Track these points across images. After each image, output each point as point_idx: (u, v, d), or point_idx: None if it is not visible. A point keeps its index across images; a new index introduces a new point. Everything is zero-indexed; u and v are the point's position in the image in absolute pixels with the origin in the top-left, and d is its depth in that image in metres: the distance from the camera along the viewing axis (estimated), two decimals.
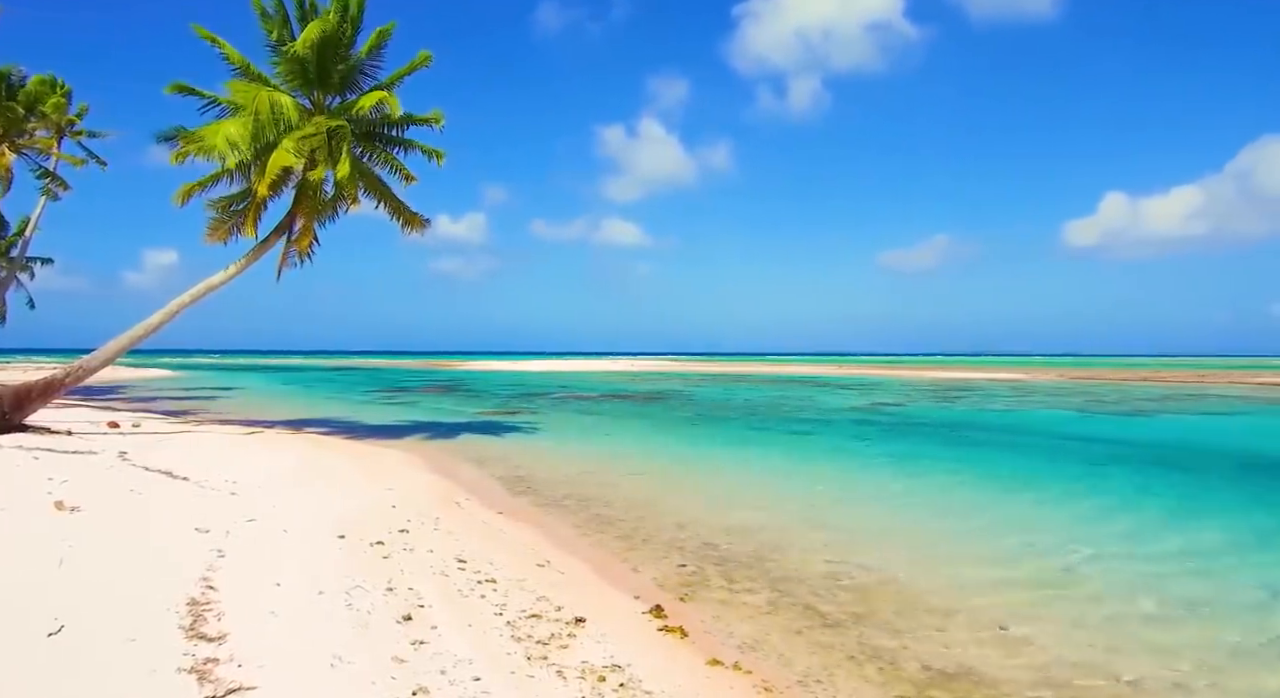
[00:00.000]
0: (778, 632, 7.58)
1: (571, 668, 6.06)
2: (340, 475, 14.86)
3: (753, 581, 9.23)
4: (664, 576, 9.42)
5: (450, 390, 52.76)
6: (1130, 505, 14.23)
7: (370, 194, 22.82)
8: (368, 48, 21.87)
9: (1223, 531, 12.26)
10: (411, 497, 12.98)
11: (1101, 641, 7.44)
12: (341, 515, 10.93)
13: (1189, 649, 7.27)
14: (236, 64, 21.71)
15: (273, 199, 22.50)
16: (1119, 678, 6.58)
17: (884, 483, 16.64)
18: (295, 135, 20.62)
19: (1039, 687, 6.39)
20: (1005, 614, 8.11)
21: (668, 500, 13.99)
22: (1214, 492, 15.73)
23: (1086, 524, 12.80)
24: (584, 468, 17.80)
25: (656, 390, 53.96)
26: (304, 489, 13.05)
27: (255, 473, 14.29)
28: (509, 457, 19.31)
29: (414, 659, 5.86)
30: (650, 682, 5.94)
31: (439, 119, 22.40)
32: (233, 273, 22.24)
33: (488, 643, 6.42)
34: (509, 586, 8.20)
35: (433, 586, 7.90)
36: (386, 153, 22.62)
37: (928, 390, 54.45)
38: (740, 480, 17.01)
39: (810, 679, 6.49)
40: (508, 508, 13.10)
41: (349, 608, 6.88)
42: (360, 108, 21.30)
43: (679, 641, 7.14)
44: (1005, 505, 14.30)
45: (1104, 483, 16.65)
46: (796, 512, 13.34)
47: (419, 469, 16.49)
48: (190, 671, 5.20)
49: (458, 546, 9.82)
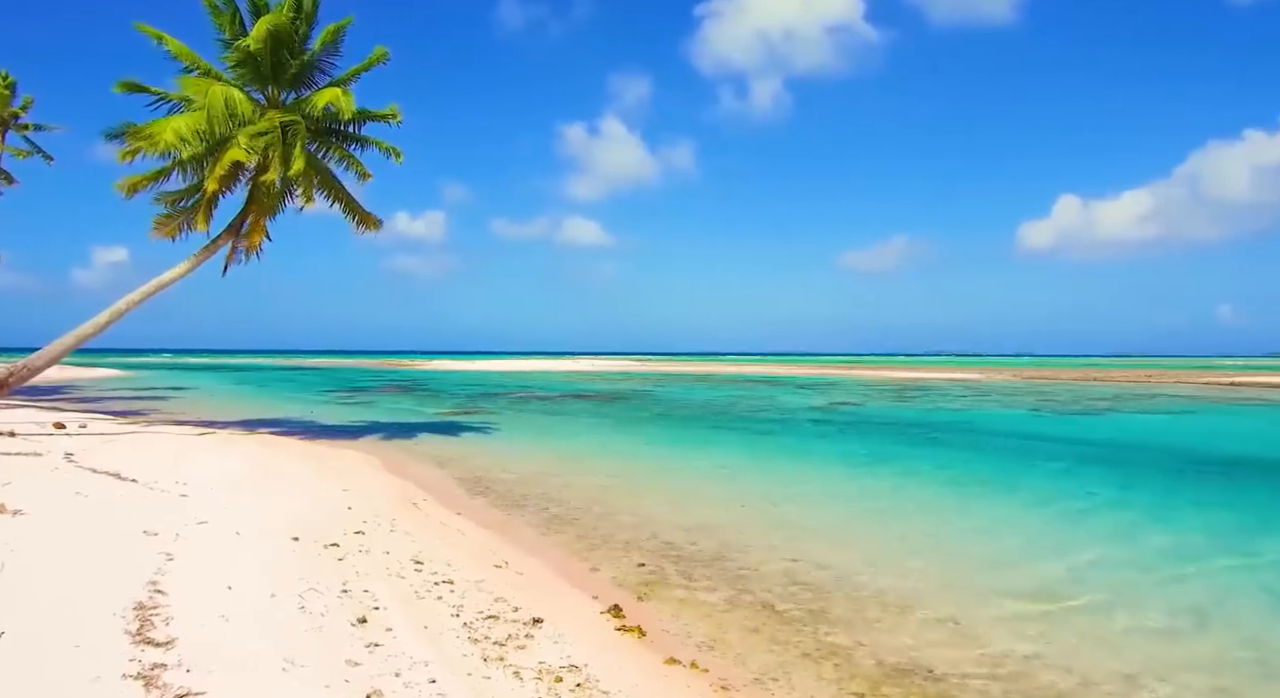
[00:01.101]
0: (735, 630, 7.62)
1: (528, 669, 6.03)
2: (295, 477, 14.64)
3: (711, 579, 9.27)
4: (623, 575, 9.42)
5: (409, 390, 52.25)
6: (1078, 502, 14.54)
7: (324, 192, 22.50)
8: (322, 43, 21.58)
9: (1168, 526, 12.59)
10: (368, 498, 12.83)
11: (1050, 635, 7.59)
12: (296, 517, 10.76)
13: (1135, 643, 7.45)
14: (185, 60, 21.30)
15: (225, 195, 22.12)
16: (1068, 671, 6.72)
17: (842, 482, 16.82)
18: (248, 130, 20.29)
19: (990, 681, 6.50)
20: (958, 610, 8.25)
21: (627, 500, 13.99)
22: (1157, 489, 16.12)
23: (1037, 521, 13.06)
24: (544, 468, 17.74)
25: (617, 390, 53.96)
26: (257, 491, 12.83)
27: (207, 474, 14.02)
28: (468, 457, 19.18)
29: (368, 662, 5.79)
30: (607, 681, 5.94)
31: (396, 115, 22.16)
32: (184, 270, 21.81)
33: (444, 645, 6.37)
34: (466, 587, 8.14)
35: (388, 587, 7.82)
36: (342, 149, 22.33)
37: (885, 390, 55.12)
38: (700, 480, 17.07)
39: (767, 677, 6.53)
40: (466, 509, 13.01)
41: (302, 611, 6.78)
42: (315, 104, 21.01)
43: (636, 640, 7.15)
44: (959, 503, 14.53)
45: (1054, 481, 16.99)
46: (755, 511, 13.43)
47: (376, 470, 16.31)
48: (137, 677, 5.08)
49: (415, 547, 9.72)
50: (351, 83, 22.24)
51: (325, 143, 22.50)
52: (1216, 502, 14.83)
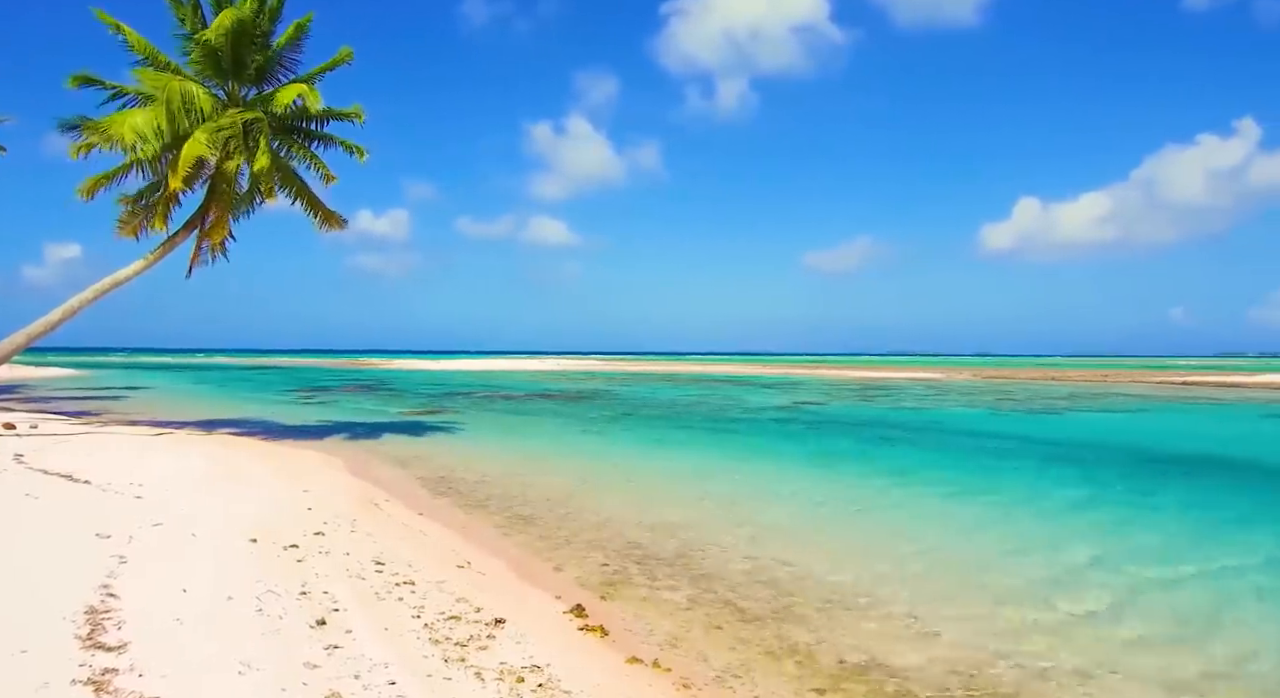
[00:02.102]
0: (698, 628, 7.65)
1: (490, 669, 6.00)
2: (254, 477, 14.43)
3: (674, 578, 9.29)
4: (586, 575, 9.41)
5: (371, 390, 51.72)
6: (1036, 500, 14.79)
7: (287, 190, 22.18)
8: (286, 39, 21.28)
9: (1124, 523, 12.87)
10: (329, 498, 12.68)
11: (1007, 630, 7.71)
12: (254, 518, 10.61)
13: (1089, 637, 7.59)
14: (143, 53, 20.89)
15: (185, 193, 21.74)
16: (1024, 666, 6.83)
17: (804, 480, 16.93)
18: (209, 126, 19.95)
19: (947, 676, 6.59)
20: (917, 607, 8.35)
21: (591, 500, 13.98)
22: (1111, 485, 16.44)
23: (996, 518, 13.26)
24: (507, 468, 17.66)
25: (582, 390, 53.87)
26: (215, 492, 12.63)
27: (163, 476, 13.77)
28: (431, 457, 19.04)
29: (327, 664, 5.72)
30: (569, 681, 5.92)
31: (360, 114, 21.93)
32: (140, 268, 21.40)
33: (404, 646, 6.31)
34: (428, 587, 8.08)
35: (348, 589, 7.73)
36: (305, 148, 22.01)
37: (849, 390, 55.64)
38: (663, 479, 17.11)
39: (729, 675, 6.56)
40: (429, 509, 12.92)
41: (260, 613, 6.68)
42: (278, 101, 20.69)
43: (599, 639, 7.15)
44: (918, 501, 14.70)
45: (1012, 479, 17.27)
46: (719, 509, 13.48)
47: (337, 470, 16.13)
48: (87, 682, 4.98)
49: (376, 547, 9.63)
50: (315, 81, 21.96)
51: (288, 140, 22.18)
52: (1172, 499, 15.14)
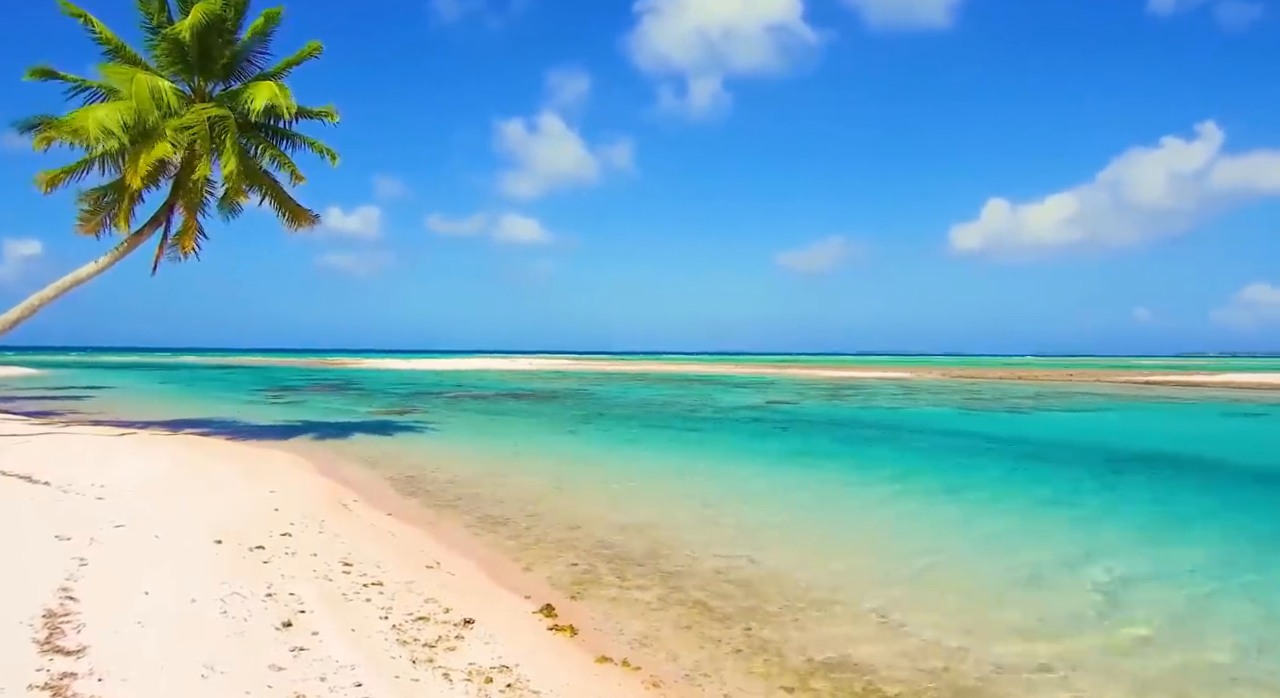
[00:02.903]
0: (668, 627, 7.66)
1: (458, 670, 5.97)
2: (220, 478, 14.23)
3: (644, 577, 9.30)
4: (556, 574, 9.39)
5: (340, 389, 51.23)
6: (1003, 498, 14.96)
7: (255, 189, 21.87)
8: (253, 32, 20.96)
9: (1089, 520, 13.05)
10: (296, 499, 12.54)
11: (975, 627, 7.79)
12: (219, 520, 10.47)
13: (1053, 633, 7.70)
14: (109, 45, 20.51)
15: (149, 191, 21.38)
16: (989, 661, 6.91)
17: (775, 479, 17.02)
18: (174, 123, 19.63)
19: (914, 673, 6.66)
20: (885, 604, 8.42)
21: (561, 499, 13.96)
22: (1078, 483, 16.69)
23: (963, 516, 13.41)
24: (477, 468, 17.58)
25: (554, 389, 53.75)
26: (180, 493, 12.45)
27: (126, 476, 13.55)
28: (400, 457, 18.91)
29: (293, 667, 5.66)
30: (538, 681, 5.91)
31: (333, 114, 21.67)
32: (102, 266, 21.01)
33: (372, 647, 6.26)
34: (396, 588, 8.02)
35: (315, 590, 7.65)
36: (273, 146, 21.68)
37: (820, 389, 55.99)
38: (634, 479, 17.11)
39: (698, 674, 6.58)
40: (398, 509, 12.82)
41: (224, 615, 6.59)
42: (247, 98, 20.32)
43: (569, 639, 7.13)
44: (888, 500, 14.81)
45: (980, 477, 17.46)
46: (689, 509, 13.51)
47: (305, 471, 15.96)
48: (44, 687, 4.88)
49: (344, 548, 9.54)
50: (283, 76, 21.67)
51: (256, 139, 21.84)
52: (1137, 497, 15.37)
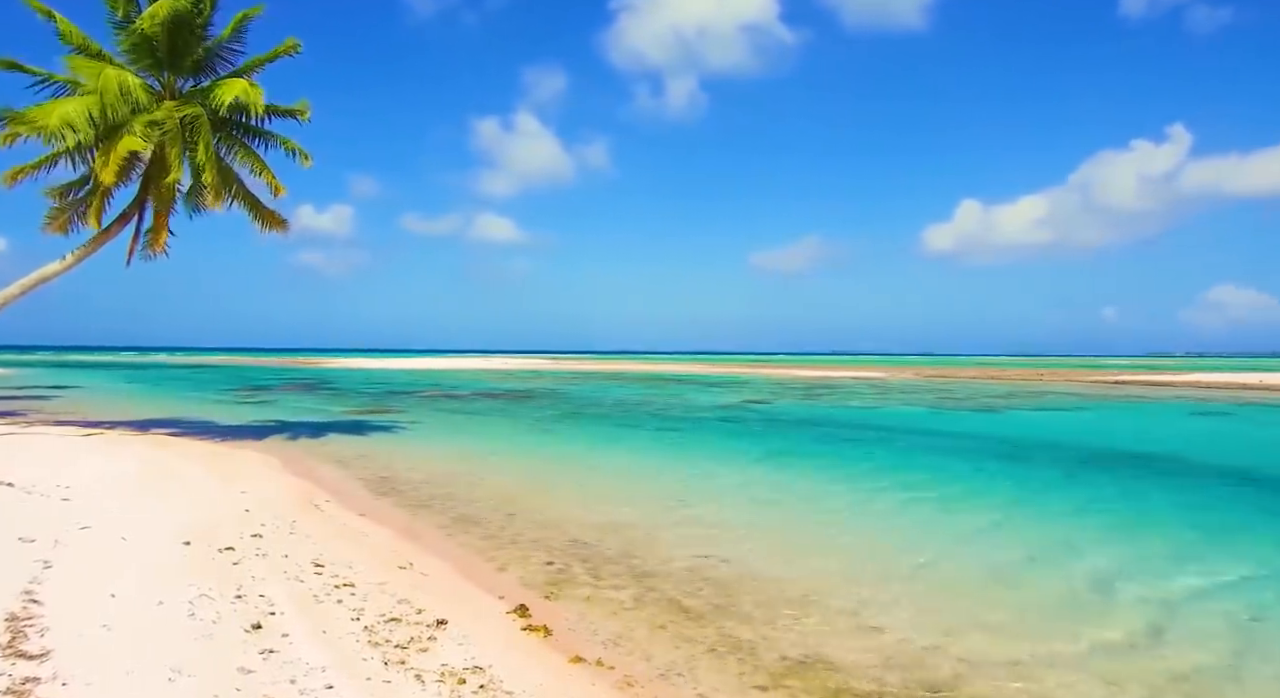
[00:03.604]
0: (642, 627, 7.66)
1: (430, 672, 5.92)
2: (189, 478, 14.05)
3: (618, 577, 9.29)
4: (530, 574, 9.36)
5: (313, 389, 50.77)
6: (976, 497, 15.09)
7: (226, 190, 21.53)
8: (230, 31, 20.66)
9: (1058, 519, 13.20)
10: (267, 500, 12.41)
11: (944, 625, 7.86)
12: (188, 521, 10.33)
13: (1024, 630, 7.78)
14: (75, 41, 20.16)
15: (119, 188, 21.04)
16: (960, 659, 6.97)
17: (749, 479, 17.07)
18: (143, 119, 19.32)
19: (887, 670, 6.70)
20: (858, 603, 8.47)
21: (536, 499, 13.91)
22: (1049, 482, 16.90)
23: (936, 515, 13.51)
24: (451, 467, 17.49)
25: (529, 389, 53.60)
26: (148, 494, 12.27)
27: (92, 477, 13.34)
28: (373, 457, 18.76)
29: (262, 669, 5.60)
30: (511, 682, 5.88)
31: (305, 112, 21.43)
32: (70, 263, 20.67)
33: (343, 649, 6.20)
34: (368, 589, 7.95)
35: (286, 591, 7.57)
36: (246, 147, 21.35)
37: (794, 388, 56.25)
38: (609, 478, 17.10)
39: (672, 673, 6.58)
40: (370, 509, 12.72)
41: (192, 618, 6.51)
42: (218, 96, 20.01)
43: (542, 639, 7.11)
44: (861, 498, 14.90)
45: (952, 476, 17.60)
46: (664, 508, 13.51)
47: (276, 471, 15.79)
48: (6, 692, 4.79)
49: (315, 549, 9.45)
50: (256, 72, 21.42)
51: (228, 139, 21.51)
52: (1107, 495, 15.54)
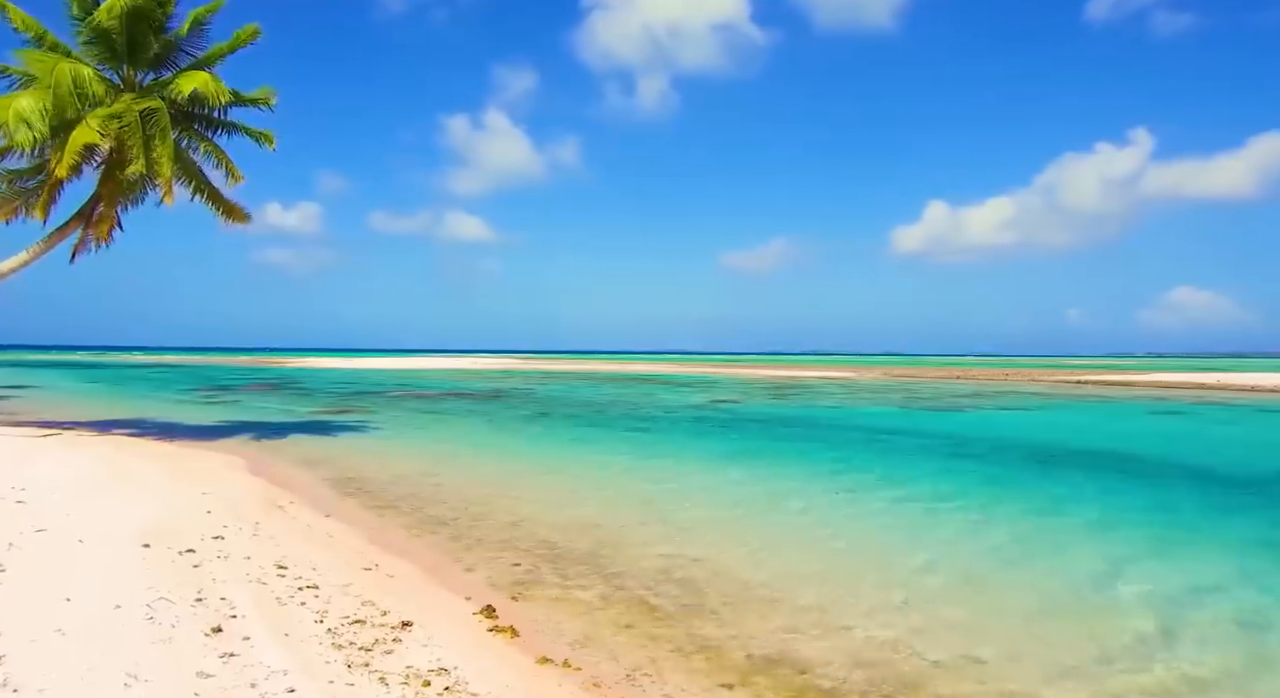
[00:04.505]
0: (609, 627, 7.64)
1: (395, 674, 5.86)
2: (149, 480, 13.80)
3: (586, 577, 9.26)
4: (497, 575, 9.31)
5: (278, 389, 50.14)
6: (943, 495, 15.22)
7: (187, 183, 21.24)
8: (189, 24, 20.33)
9: (1024, 518, 13.37)
10: (230, 501, 12.22)
11: (909, 622, 7.93)
12: (148, 523, 10.14)
13: (988, 627, 7.87)
14: (30, 33, 19.73)
15: (71, 181, 20.62)
16: (924, 656, 7.03)
17: (718, 478, 17.11)
18: (101, 113, 18.98)
19: (853, 668, 6.74)
20: (825, 601, 8.52)
21: (504, 499, 13.83)
22: (1015, 481, 17.11)
23: (903, 514, 13.63)
24: (419, 467, 17.34)
25: (498, 388, 53.34)
26: (106, 495, 12.03)
27: (49, 479, 13.06)
28: (339, 457, 18.56)
29: (222, 673, 5.50)
30: (477, 683, 5.83)
31: (269, 99, 21.15)
32: (25, 260, 20.25)
33: (306, 652, 6.12)
34: (332, 591, 7.86)
35: (248, 594, 7.46)
36: (208, 140, 21.08)
37: (763, 388, 56.51)
38: (578, 478, 17.04)
39: (638, 673, 6.57)
40: (336, 510, 12.58)
41: (150, 622, 6.38)
42: (178, 89, 19.74)
43: (509, 640, 7.06)
44: (829, 497, 15.00)
45: (919, 475, 17.76)
46: (633, 507, 13.50)
47: (239, 472, 15.56)
48: None
49: (279, 551, 9.32)
50: (218, 64, 21.11)
51: (189, 130, 21.22)
52: (1072, 493, 15.76)
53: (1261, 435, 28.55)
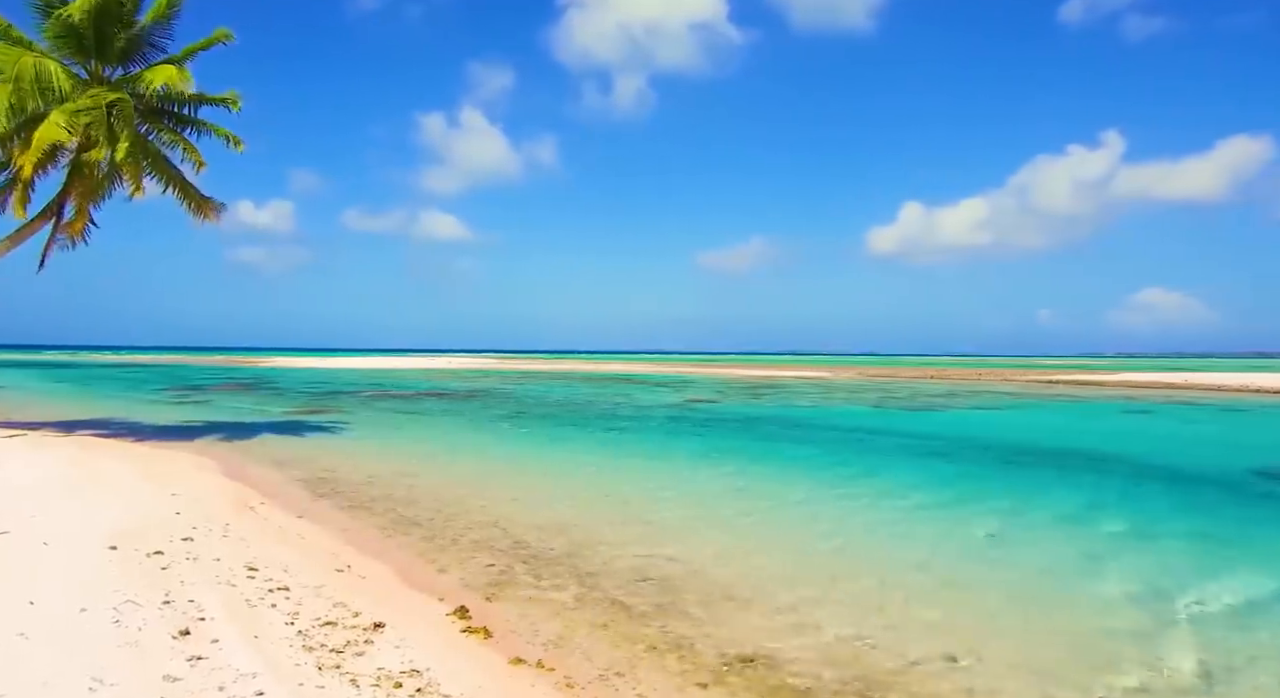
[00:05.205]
0: (583, 627, 7.62)
1: (366, 676, 5.81)
2: (117, 481, 13.60)
3: (560, 577, 9.24)
4: (471, 576, 9.26)
5: (251, 389, 49.61)
6: (917, 494, 15.32)
7: (157, 177, 20.99)
8: (154, 15, 20.11)
9: (997, 516, 13.48)
10: (199, 502, 12.07)
11: (884, 622, 7.97)
12: (116, 524, 9.99)
13: (961, 624, 7.93)
14: None
15: (42, 177, 20.30)
16: (898, 653, 7.07)
17: (693, 478, 17.12)
18: (67, 108, 18.68)
19: (826, 667, 6.76)
20: (800, 600, 8.54)
21: (478, 499, 13.77)
22: (988, 480, 17.27)
23: (878, 513, 13.71)
24: (393, 468, 17.22)
25: (474, 388, 53.11)
26: (72, 497, 11.84)
27: (13, 480, 12.84)
28: (312, 458, 18.38)
29: (189, 677, 5.43)
30: (449, 685, 5.80)
31: (235, 101, 20.96)
32: None
33: (276, 654, 6.05)
34: (304, 593, 7.78)
35: (217, 596, 7.37)
36: (175, 133, 20.88)
37: (739, 388, 56.66)
38: (553, 478, 16.99)
39: (612, 673, 6.56)
40: (308, 511, 12.46)
41: (117, 625, 6.29)
42: (146, 82, 19.52)
43: (482, 641, 7.03)
44: (804, 497, 15.06)
45: (895, 473, 17.88)
46: (608, 508, 13.49)
47: (210, 472, 15.37)
48: None
49: (249, 553, 9.22)
50: (188, 62, 20.87)
51: (157, 125, 20.99)
52: (1043, 492, 15.95)
53: (1227, 434, 29.02)
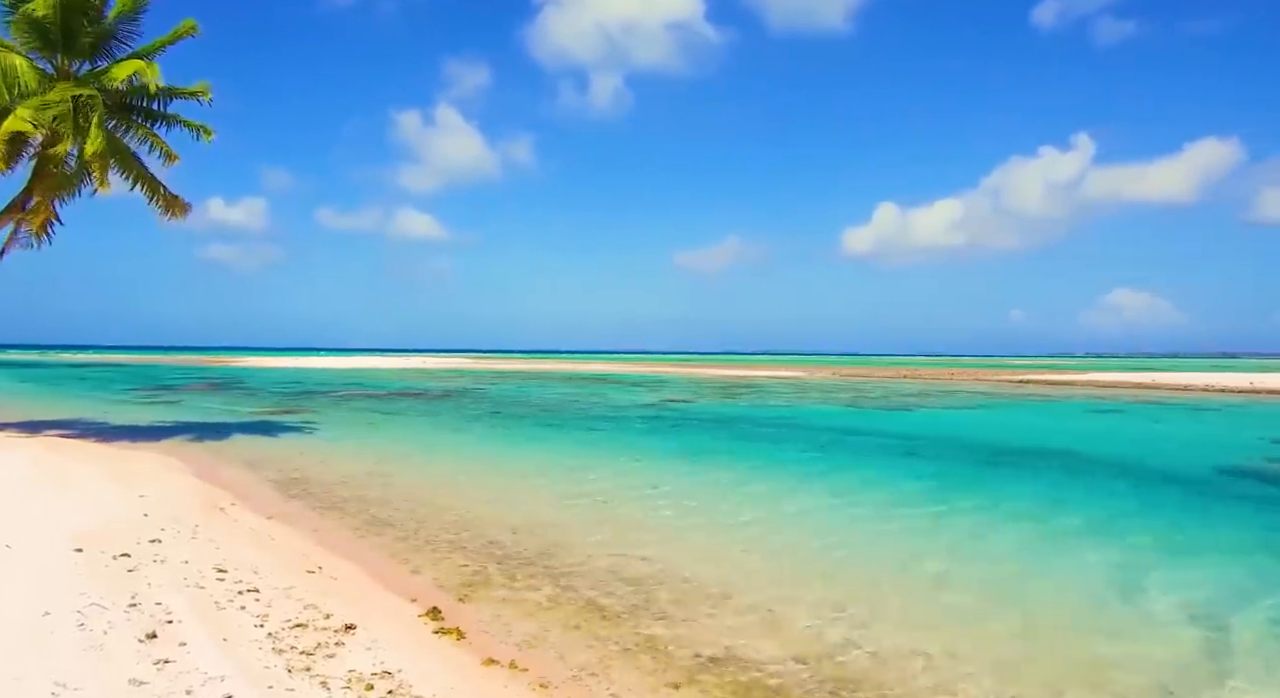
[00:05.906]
0: (557, 628, 7.60)
1: (337, 678, 5.76)
2: (83, 482, 13.38)
3: (534, 577, 9.21)
4: (444, 576, 9.21)
5: (222, 388, 49.05)
6: (889, 494, 15.45)
7: (124, 173, 20.69)
8: (121, 9, 19.81)
9: (968, 514, 13.62)
10: (168, 503, 11.90)
11: (856, 620, 8.02)
12: (81, 526, 9.83)
13: (933, 624, 8.00)
14: None
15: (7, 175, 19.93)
16: (870, 653, 7.12)
17: (668, 478, 17.11)
18: (33, 102, 18.37)
19: (799, 665, 6.79)
20: (772, 599, 8.57)
21: (452, 500, 13.70)
22: (959, 478, 17.43)
23: (850, 512, 13.78)
24: (366, 468, 17.09)
25: (449, 388, 52.84)
26: (37, 498, 11.64)
27: None
28: (284, 458, 18.21)
29: (156, 680, 5.35)
30: (421, 686, 5.76)
31: (205, 92, 20.72)
32: None
33: (245, 657, 5.98)
34: (274, 595, 7.69)
35: (185, 599, 7.27)
36: (144, 127, 20.60)
37: (715, 388, 56.80)
38: (528, 478, 16.93)
39: (585, 673, 6.55)
40: (279, 512, 12.34)
41: (81, 629, 6.18)
42: (113, 77, 19.27)
43: (455, 642, 6.99)
44: (777, 496, 15.10)
45: (866, 473, 18.00)
46: (583, 508, 13.46)
47: (179, 473, 15.17)
48: None
49: (219, 554, 9.11)
50: (156, 56, 20.61)
51: (125, 120, 20.70)
52: (1013, 489, 16.12)
53: (1192, 432, 29.49)
